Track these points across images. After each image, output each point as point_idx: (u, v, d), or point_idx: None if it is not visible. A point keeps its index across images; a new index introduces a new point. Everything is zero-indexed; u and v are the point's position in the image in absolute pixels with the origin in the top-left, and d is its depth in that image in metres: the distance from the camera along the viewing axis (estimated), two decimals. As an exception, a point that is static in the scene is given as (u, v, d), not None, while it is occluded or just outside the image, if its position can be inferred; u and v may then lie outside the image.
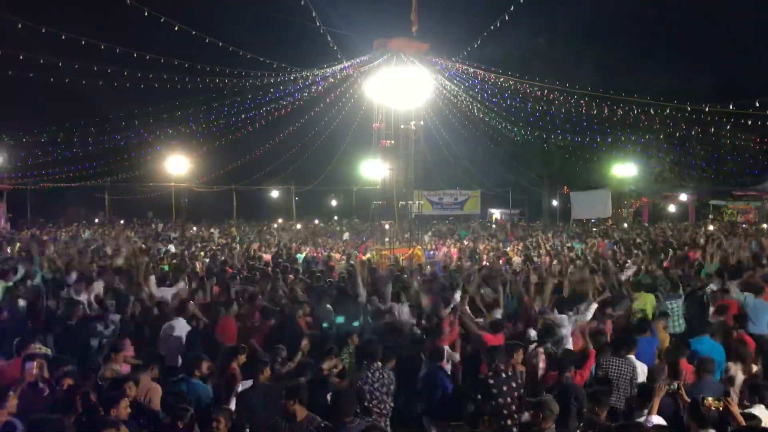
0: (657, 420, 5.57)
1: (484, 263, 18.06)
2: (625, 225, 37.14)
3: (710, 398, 5.47)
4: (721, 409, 5.42)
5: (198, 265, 16.48)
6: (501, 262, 18.32)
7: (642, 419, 5.64)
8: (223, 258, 17.95)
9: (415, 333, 9.18)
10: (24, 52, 17.19)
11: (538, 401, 5.55)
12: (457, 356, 8.38)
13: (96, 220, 44.59)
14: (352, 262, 17.50)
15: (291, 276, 13.50)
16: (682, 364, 7.41)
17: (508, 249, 22.70)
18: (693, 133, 33.44)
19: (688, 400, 5.67)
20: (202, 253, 20.42)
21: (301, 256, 19.99)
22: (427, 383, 7.43)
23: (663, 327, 9.42)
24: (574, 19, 44.47)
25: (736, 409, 5.42)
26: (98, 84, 21.14)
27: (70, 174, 35.57)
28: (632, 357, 7.38)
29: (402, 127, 22.39)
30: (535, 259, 18.78)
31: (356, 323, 9.58)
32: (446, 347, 8.14)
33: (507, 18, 18.93)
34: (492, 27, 20.06)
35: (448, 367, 8.00)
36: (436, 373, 7.42)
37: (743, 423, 5.36)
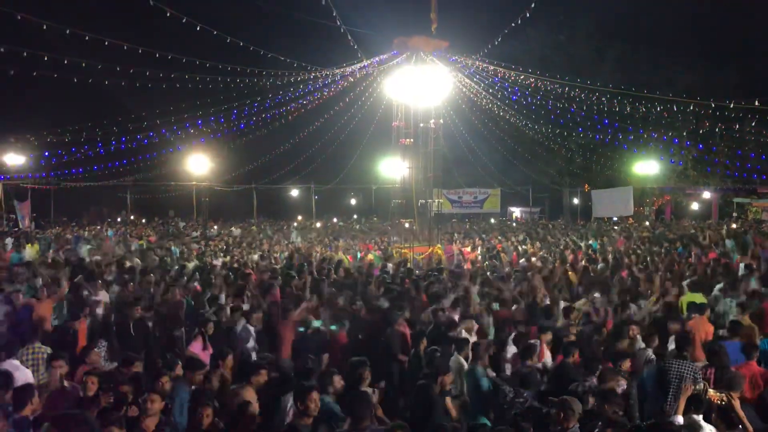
0: (681, 420, 5.50)
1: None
2: (647, 223, 36.75)
3: (712, 391, 5.40)
4: (723, 403, 5.35)
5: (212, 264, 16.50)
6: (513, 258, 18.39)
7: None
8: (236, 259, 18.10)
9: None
10: (48, 52, 17.41)
11: (560, 400, 5.51)
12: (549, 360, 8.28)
13: (119, 219, 45.08)
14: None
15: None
16: (750, 367, 7.10)
17: (527, 246, 22.57)
18: (717, 129, 33.00)
19: (717, 402, 5.59)
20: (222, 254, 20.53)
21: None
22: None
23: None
24: (595, 16, 44.03)
25: (737, 405, 5.33)
26: (121, 84, 21.37)
27: (93, 173, 36.00)
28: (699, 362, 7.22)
29: (421, 125, 22.36)
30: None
31: (334, 327, 9.47)
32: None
33: (528, 15, 18.83)
34: (513, 24, 19.96)
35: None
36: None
37: (746, 421, 5.28)
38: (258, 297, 11.07)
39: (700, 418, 5.58)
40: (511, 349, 8.59)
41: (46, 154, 33.14)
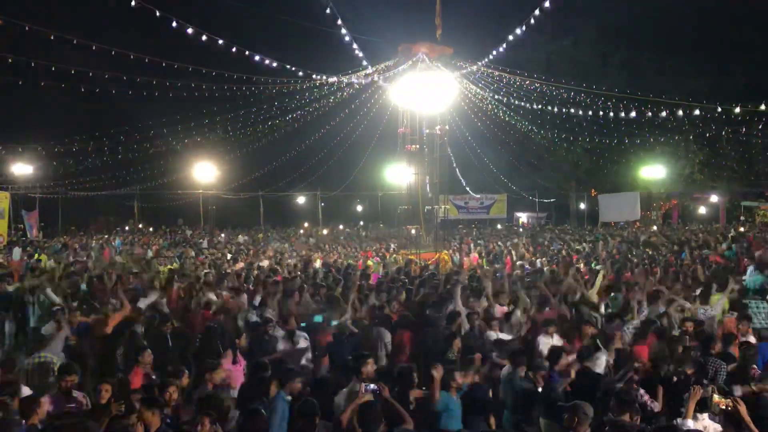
0: (691, 424, 5.43)
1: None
2: (654, 227, 36.64)
3: (717, 396, 5.33)
4: (729, 408, 5.28)
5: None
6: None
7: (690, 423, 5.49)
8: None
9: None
10: (55, 62, 17.53)
11: (572, 405, 5.44)
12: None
13: (126, 228, 45.21)
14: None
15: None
16: None
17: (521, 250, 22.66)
18: (723, 133, 32.94)
19: (724, 407, 5.52)
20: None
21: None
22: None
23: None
24: (600, 21, 44.00)
25: (744, 410, 5.26)
26: (127, 93, 21.48)
27: (100, 182, 36.17)
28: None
29: (427, 131, 22.37)
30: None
31: (334, 322, 9.50)
32: None
33: (532, 21, 18.81)
34: (518, 30, 19.95)
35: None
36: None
37: (752, 426, 5.20)
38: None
39: (705, 417, 5.55)
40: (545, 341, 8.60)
41: (54, 163, 33.37)
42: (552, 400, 6.69)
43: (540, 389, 7.13)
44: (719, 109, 25.76)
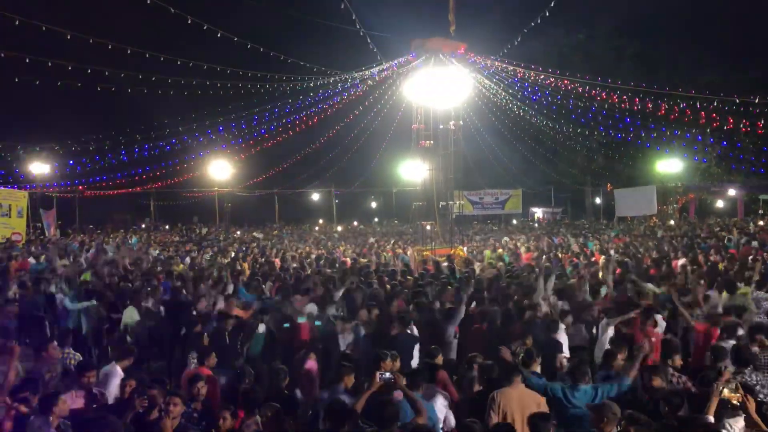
0: (711, 420, 5.36)
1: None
2: (671, 222, 36.30)
3: (726, 390, 5.27)
4: (738, 403, 5.22)
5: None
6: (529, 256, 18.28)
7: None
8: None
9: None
10: (72, 62, 17.65)
11: (600, 405, 5.38)
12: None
13: (143, 226, 45.47)
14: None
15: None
16: None
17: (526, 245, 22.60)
18: (741, 125, 32.50)
19: (734, 402, 5.46)
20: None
21: None
22: None
23: None
24: (615, 13, 43.72)
25: (753, 408, 5.19)
26: (143, 91, 21.60)
27: (116, 181, 36.40)
28: None
29: (441, 127, 22.28)
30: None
31: (318, 323, 9.40)
32: None
33: (547, 14, 18.72)
34: (532, 23, 19.87)
35: None
36: None
37: (761, 424, 5.13)
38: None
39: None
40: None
41: (71, 162, 33.64)
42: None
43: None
44: (737, 101, 25.46)
